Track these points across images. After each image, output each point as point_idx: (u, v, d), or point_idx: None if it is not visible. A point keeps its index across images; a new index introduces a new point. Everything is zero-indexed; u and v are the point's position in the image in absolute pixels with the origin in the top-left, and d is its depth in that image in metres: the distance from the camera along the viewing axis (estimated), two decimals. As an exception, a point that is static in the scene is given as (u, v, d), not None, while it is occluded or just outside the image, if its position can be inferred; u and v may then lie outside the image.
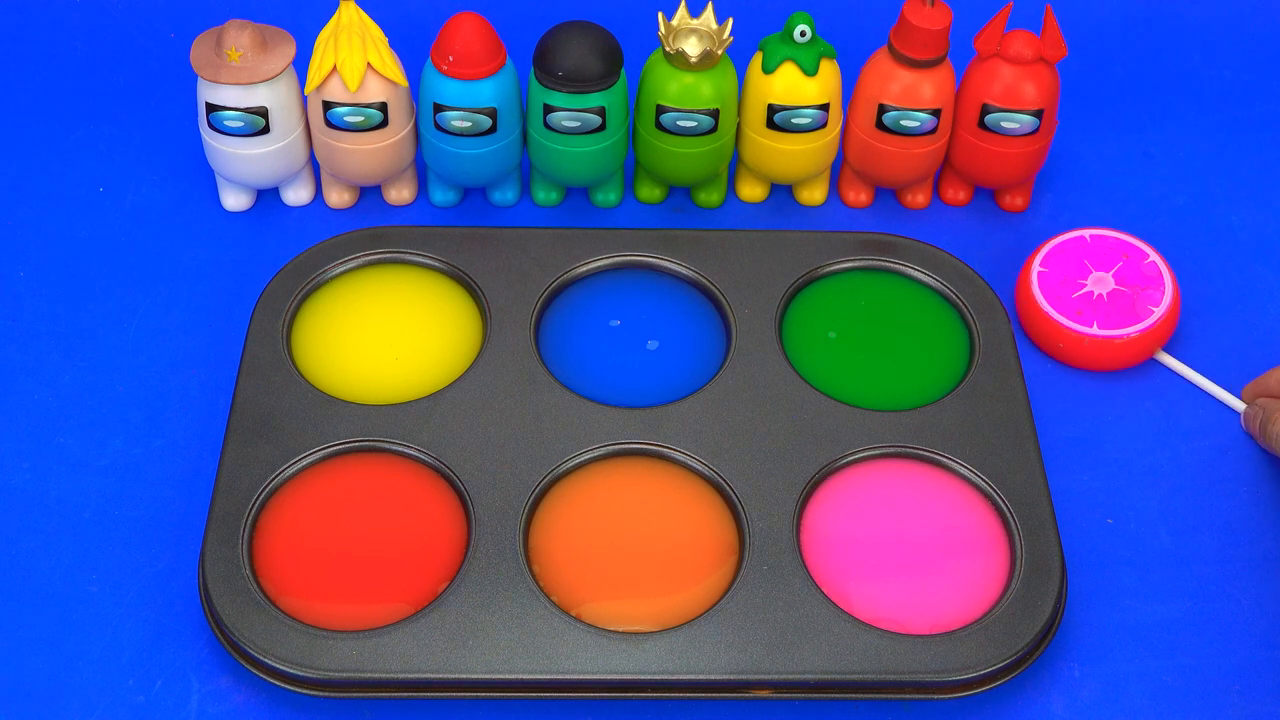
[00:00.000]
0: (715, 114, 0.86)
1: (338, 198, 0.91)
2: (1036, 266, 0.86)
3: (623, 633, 0.70)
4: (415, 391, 0.79)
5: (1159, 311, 0.84)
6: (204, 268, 0.88)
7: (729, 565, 0.73)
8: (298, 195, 0.91)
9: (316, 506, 0.74)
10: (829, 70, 0.86)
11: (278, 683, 0.69)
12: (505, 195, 0.91)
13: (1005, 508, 0.75)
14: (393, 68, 0.84)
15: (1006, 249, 0.91)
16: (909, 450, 0.77)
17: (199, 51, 0.85)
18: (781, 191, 0.93)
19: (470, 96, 0.84)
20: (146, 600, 0.74)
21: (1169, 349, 0.86)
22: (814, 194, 0.92)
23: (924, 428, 0.78)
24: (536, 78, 0.85)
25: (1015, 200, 0.92)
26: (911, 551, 0.74)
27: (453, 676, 0.68)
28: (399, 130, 0.87)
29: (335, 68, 0.84)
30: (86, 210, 0.91)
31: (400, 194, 0.91)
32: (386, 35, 0.85)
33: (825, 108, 0.86)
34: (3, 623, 0.73)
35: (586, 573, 0.72)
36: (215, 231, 0.90)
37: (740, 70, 0.88)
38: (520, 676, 0.68)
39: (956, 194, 0.93)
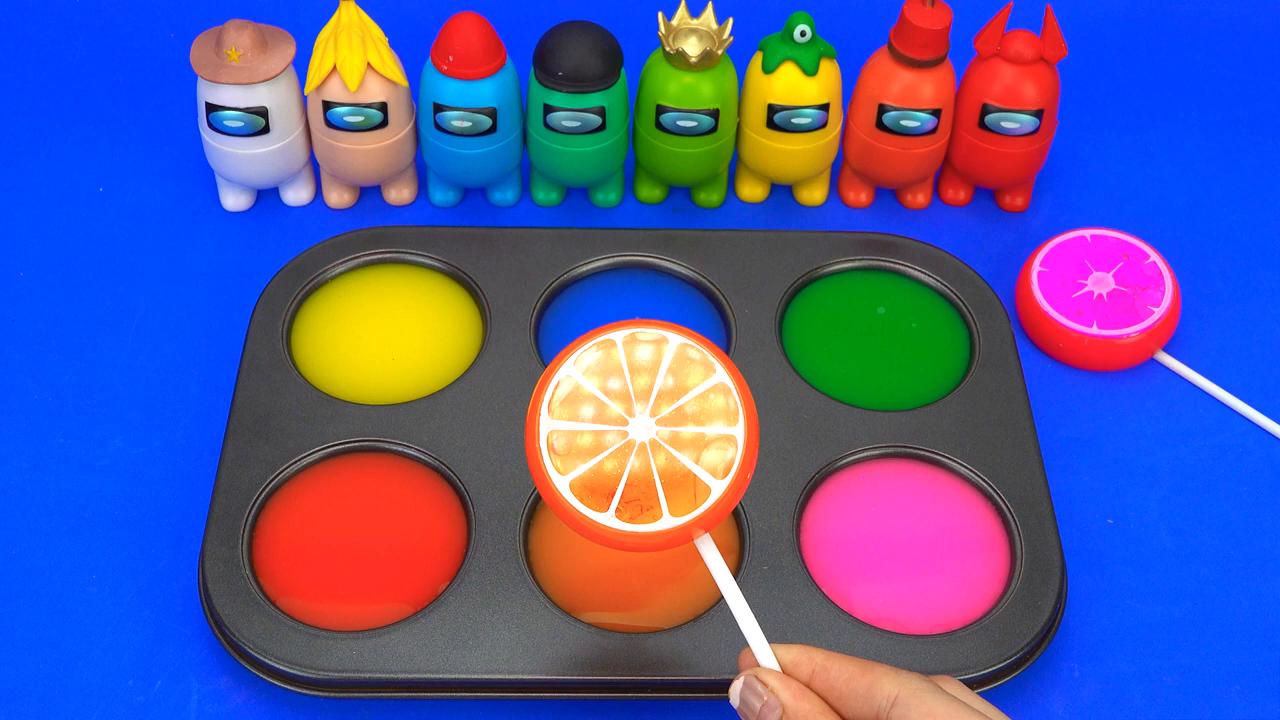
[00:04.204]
0: (715, 114, 0.86)
1: (338, 198, 0.91)
2: (1036, 266, 0.86)
3: (623, 633, 0.70)
4: (415, 391, 0.79)
5: (1159, 311, 0.84)
6: (204, 268, 0.88)
7: (729, 565, 0.73)
8: (298, 195, 0.91)
9: (316, 506, 0.74)
10: (829, 70, 0.86)
11: (278, 683, 0.69)
12: (505, 195, 0.91)
13: (1005, 508, 0.75)
14: (393, 68, 0.84)
15: (1006, 249, 0.91)
16: (909, 450, 0.77)
17: (199, 51, 0.85)
18: (781, 191, 0.93)
19: (470, 96, 0.84)
20: (146, 600, 0.74)
21: (1169, 349, 0.86)
22: (814, 194, 0.92)
23: (924, 428, 0.78)
24: (536, 78, 0.85)
25: (1015, 200, 0.92)
26: (911, 551, 0.74)
27: (453, 676, 0.68)
28: (399, 130, 0.87)
29: (335, 68, 0.84)
30: (86, 210, 0.91)
31: (400, 194, 0.91)
32: (386, 35, 0.85)
33: (825, 108, 0.86)
34: (3, 623, 0.73)
35: (587, 573, 0.72)
36: (215, 231, 0.90)
37: (740, 70, 0.88)
38: (520, 676, 0.68)
39: (956, 194, 0.93)
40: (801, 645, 0.59)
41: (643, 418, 0.58)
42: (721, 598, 0.70)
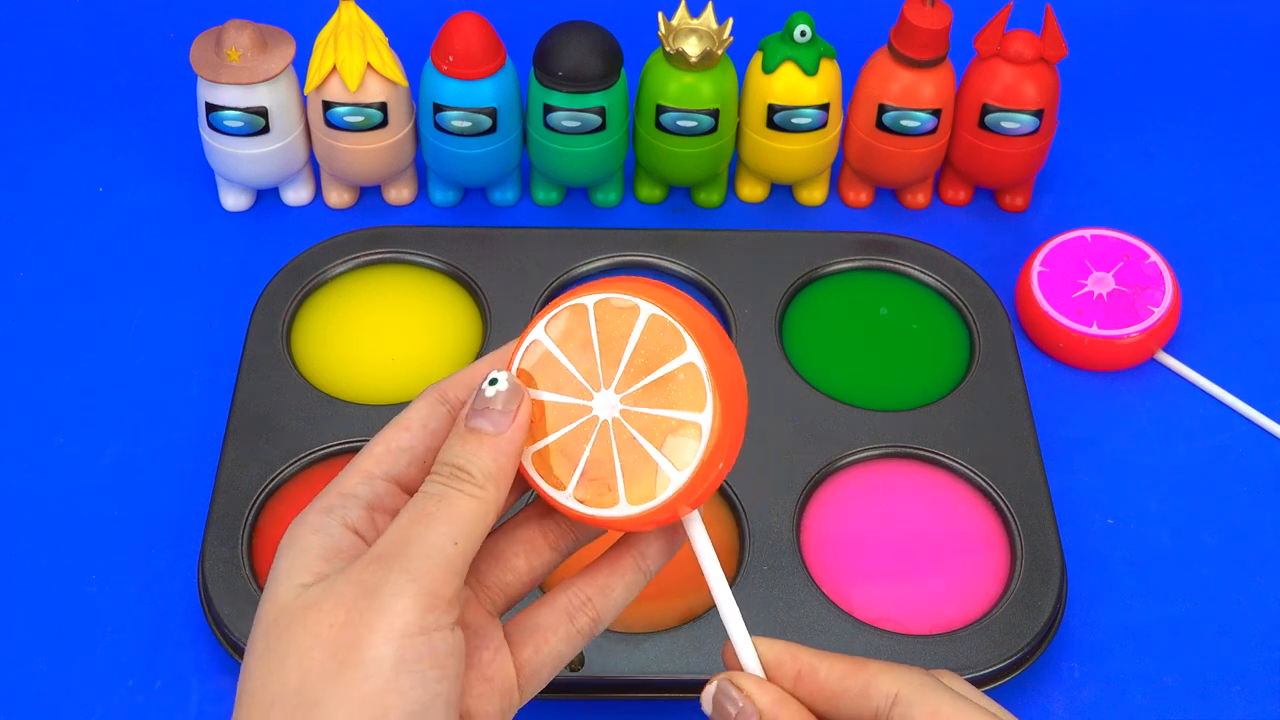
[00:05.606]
0: (715, 114, 0.86)
1: (338, 198, 0.91)
2: (1036, 266, 0.86)
3: (623, 633, 0.70)
4: (415, 391, 0.78)
5: (1159, 311, 0.84)
6: (204, 268, 0.88)
7: (729, 565, 0.73)
8: (298, 195, 0.91)
9: (316, 506, 0.74)
10: (829, 70, 0.86)
11: (278, 683, 0.69)
12: (505, 195, 0.91)
13: (1005, 508, 0.75)
14: (392, 68, 0.84)
15: (1006, 249, 0.91)
16: (909, 450, 0.77)
17: (199, 51, 0.85)
18: (781, 191, 0.93)
19: (470, 96, 0.84)
20: (146, 600, 0.74)
21: (1169, 349, 0.86)
22: (814, 194, 0.92)
23: (924, 428, 0.78)
24: (536, 78, 0.85)
25: (1015, 200, 0.92)
26: (911, 551, 0.74)
27: (453, 676, 0.68)
28: (399, 130, 0.87)
29: (335, 68, 0.84)
30: (86, 210, 0.91)
31: (400, 194, 0.91)
32: (386, 35, 0.85)
33: (825, 108, 0.86)
34: (3, 623, 0.73)
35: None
36: (215, 231, 0.90)
37: (740, 70, 0.88)
38: (520, 676, 0.68)
39: (956, 194, 0.93)
40: (787, 643, 0.54)
41: (607, 393, 0.52)
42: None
